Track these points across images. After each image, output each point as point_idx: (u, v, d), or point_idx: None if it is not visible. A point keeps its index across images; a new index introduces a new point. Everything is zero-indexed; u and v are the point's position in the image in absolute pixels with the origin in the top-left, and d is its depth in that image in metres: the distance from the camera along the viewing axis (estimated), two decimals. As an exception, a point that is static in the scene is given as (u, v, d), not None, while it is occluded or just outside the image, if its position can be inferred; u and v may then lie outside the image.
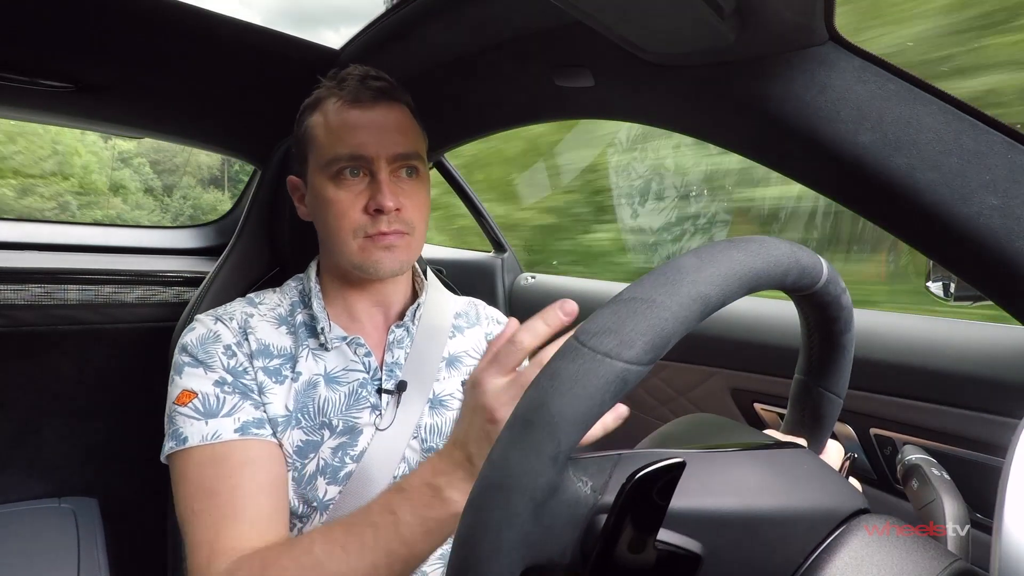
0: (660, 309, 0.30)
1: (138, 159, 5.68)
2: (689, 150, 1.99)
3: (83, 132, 4.95)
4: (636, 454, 0.33)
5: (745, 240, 0.35)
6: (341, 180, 0.71)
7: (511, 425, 0.29)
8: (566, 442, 0.28)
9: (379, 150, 0.70)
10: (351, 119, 0.71)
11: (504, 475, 0.28)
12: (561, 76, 0.85)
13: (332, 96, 0.73)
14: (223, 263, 0.98)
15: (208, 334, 0.70)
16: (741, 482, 0.34)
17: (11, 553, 1.03)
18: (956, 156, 0.55)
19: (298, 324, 0.75)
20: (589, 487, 0.31)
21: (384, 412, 0.73)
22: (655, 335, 0.29)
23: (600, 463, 0.32)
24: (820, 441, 0.51)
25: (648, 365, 0.29)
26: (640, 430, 0.49)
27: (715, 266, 0.32)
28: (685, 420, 0.48)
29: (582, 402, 0.28)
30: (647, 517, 0.29)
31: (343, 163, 0.70)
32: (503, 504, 0.27)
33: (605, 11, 0.60)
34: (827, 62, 0.60)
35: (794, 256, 0.36)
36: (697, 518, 0.32)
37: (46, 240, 1.29)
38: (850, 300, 0.43)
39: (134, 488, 1.26)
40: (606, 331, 0.29)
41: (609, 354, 0.28)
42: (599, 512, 0.30)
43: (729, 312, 1.04)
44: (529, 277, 1.55)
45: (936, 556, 0.35)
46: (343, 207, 0.71)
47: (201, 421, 0.65)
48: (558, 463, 0.28)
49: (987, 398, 0.76)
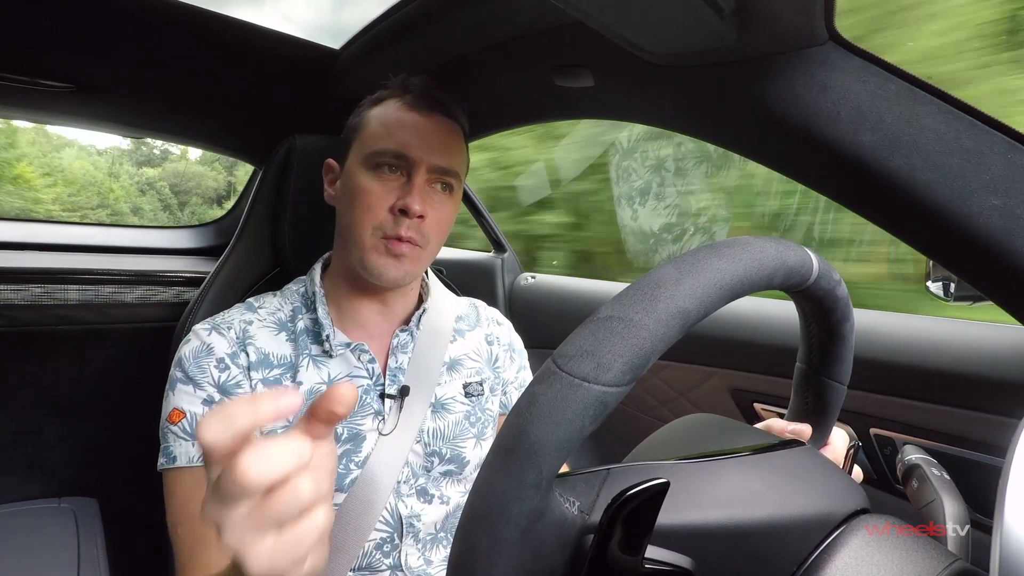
0: (637, 328, 0.29)
1: (161, 183, 7.45)
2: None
3: (114, 171, 6.43)
4: (625, 470, 0.33)
5: (728, 244, 0.34)
6: (379, 173, 0.72)
7: (493, 452, 0.29)
8: (548, 468, 0.28)
9: (423, 156, 0.72)
10: (406, 120, 0.73)
11: (489, 504, 0.28)
12: (561, 76, 0.85)
13: (395, 97, 0.75)
14: (224, 263, 0.98)
15: (201, 347, 0.70)
16: (731, 493, 0.34)
17: (11, 553, 1.03)
18: (956, 156, 0.55)
19: (299, 330, 0.74)
20: (576, 508, 0.31)
21: (387, 417, 0.73)
22: (632, 356, 0.29)
23: (588, 480, 0.32)
24: (824, 428, 0.51)
25: (628, 385, 0.29)
26: (640, 430, 0.49)
27: (694, 277, 0.32)
28: (682, 423, 0.48)
29: (561, 428, 0.28)
30: (633, 538, 0.29)
31: (386, 158, 0.71)
32: (490, 531, 0.28)
33: (605, 11, 0.60)
34: (827, 62, 0.60)
35: (780, 257, 0.36)
36: (686, 534, 0.32)
37: (46, 240, 1.29)
38: (846, 291, 0.43)
39: (134, 488, 1.26)
40: (583, 354, 0.29)
41: (587, 378, 0.28)
42: (587, 532, 0.30)
43: (729, 312, 1.04)
44: (529, 277, 1.55)
45: (936, 556, 0.35)
46: (372, 199, 0.71)
47: (188, 442, 0.66)
48: (541, 489, 0.28)
49: (987, 398, 0.76)
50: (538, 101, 0.99)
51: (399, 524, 0.72)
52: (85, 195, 6.68)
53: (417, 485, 0.74)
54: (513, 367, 0.89)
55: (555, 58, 0.83)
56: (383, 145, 0.72)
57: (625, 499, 0.28)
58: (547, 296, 1.47)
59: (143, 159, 7.35)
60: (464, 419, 0.79)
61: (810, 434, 0.51)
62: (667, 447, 0.44)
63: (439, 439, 0.76)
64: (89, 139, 10.56)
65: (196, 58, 0.96)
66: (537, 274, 1.55)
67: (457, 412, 0.79)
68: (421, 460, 0.75)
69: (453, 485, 0.77)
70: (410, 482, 0.74)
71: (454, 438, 0.77)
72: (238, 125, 1.25)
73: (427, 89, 0.75)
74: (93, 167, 6.91)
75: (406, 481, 0.73)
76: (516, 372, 0.89)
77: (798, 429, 0.50)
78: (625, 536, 0.29)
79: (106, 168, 7.05)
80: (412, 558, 0.73)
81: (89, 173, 6.83)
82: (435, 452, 0.75)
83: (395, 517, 0.72)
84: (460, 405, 0.79)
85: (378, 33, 0.91)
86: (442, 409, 0.78)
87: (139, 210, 6.98)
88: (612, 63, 0.77)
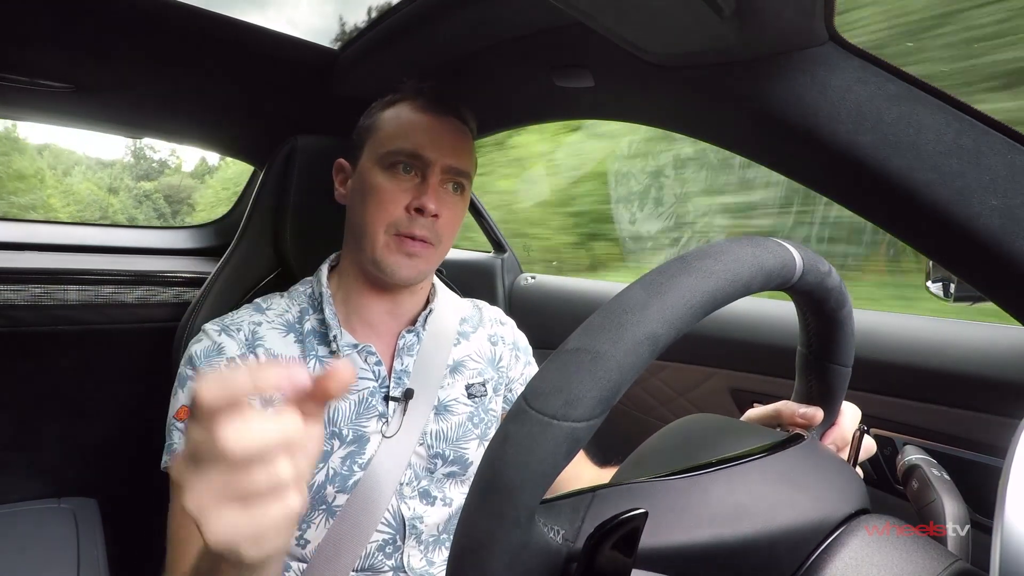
0: (605, 360, 0.29)
1: (156, 194, 8.53)
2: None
3: (113, 187, 7.39)
4: (609, 493, 0.33)
5: (699, 256, 0.34)
6: (394, 172, 0.73)
7: (473, 490, 0.29)
8: (526, 504, 0.28)
9: (438, 156, 0.73)
10: (422, 122, 0.75)
11: (473, 539, 0.29)
12: (561, 76, 0.86)
13: (408, 100, 0.77)
14: (225, 263, 0.98)
15: (213, 347, 0.70)
16: (718, 510, 0.34)
17: (11, 553, 1.03)
18: (956, 156, 0.54)
19: (307, 331, 0.74)
20: (561, 536, 0.31)
21: (391, 420, 0.74)
22: (601, 389, 0.29)
23: (573, 505, 0.32)
24: (831, 411, 0.50)
25: (599, 417, 0.29)
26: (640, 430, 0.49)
27: (661, 299, 0.31)
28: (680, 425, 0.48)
29: (533, 467, 0.28)
30: (616, 566, 0.29)
31: (401, 157, 0.73)
32: (479, 565, 0.28)
33: (605, 11, 0.60)
34: (827, 62, 0.60)
35: (756, 263, 0.35)
36: (672, 555, 0.32)
37: (46, 240, 1.28)
38: (838, 279, 0.42)
39: (134, 488, 1.26)
40: (552, 391, 0.29)
41: (556, 416, 0.28)
42: (573, 560, 0.30)
43: (729, 312, 1.04)
44: (529, 277, 1.55)
45: (936, 556, 0.35)
46: (387, 197, 0.72)
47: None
48: (521, 524, 0.28)
49: (987, 398, 0.76)
50: (538, 101, 0.99)
51: (401, 525, 0.72)
52: (90, 211, 8.16)
53: (420, 487, 0.75)
54: (519, 365, 0.89)
55: (555, 58, 0.83)
56: (399, 145, 0.73)
57: (605, 531, 0.28)
58: (547, 296, 1.47)
59: (142, 173, 8.46)
60: (467, 420, 0.79)
61: (821, 418, 0.50)
62: (663, 454, 0.44)
63: (442, 441, 0.76)
64: (96, 151, 11.49)
65: (196, 58, 0.96)
66: (537, 275, 1.55)
67: (460, 414, 0.79)
68: (424, 462, 0.75)
69: (456, 486, 0.77)
70: (413, 484, 0.74)
71: (457, 440, 0.77)
72: (238, 125, 1.25)
73: (440, 92, 0.78)
74: (96, 186, 8.48)
75: (409, 483, 0.74)
76: (522, 369, 0.90)
77: (808, 413, 0.49)
78: (608, 564, 0.29)
79: (107, 184, 8.50)
80: (414, 559, 0.73)
81: (93, 192, 8.32)
82: (438, 454, 0.75)
83: (397, 519, 0.72)
84: (463, 407, 0.80)
85: (378, 33, 0.91)
86: (445, 411, 0.78)
87: (135, 220, 8.30)
88: (612, 63, 0.77)
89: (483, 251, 1.66)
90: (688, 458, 0.39)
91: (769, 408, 0.53)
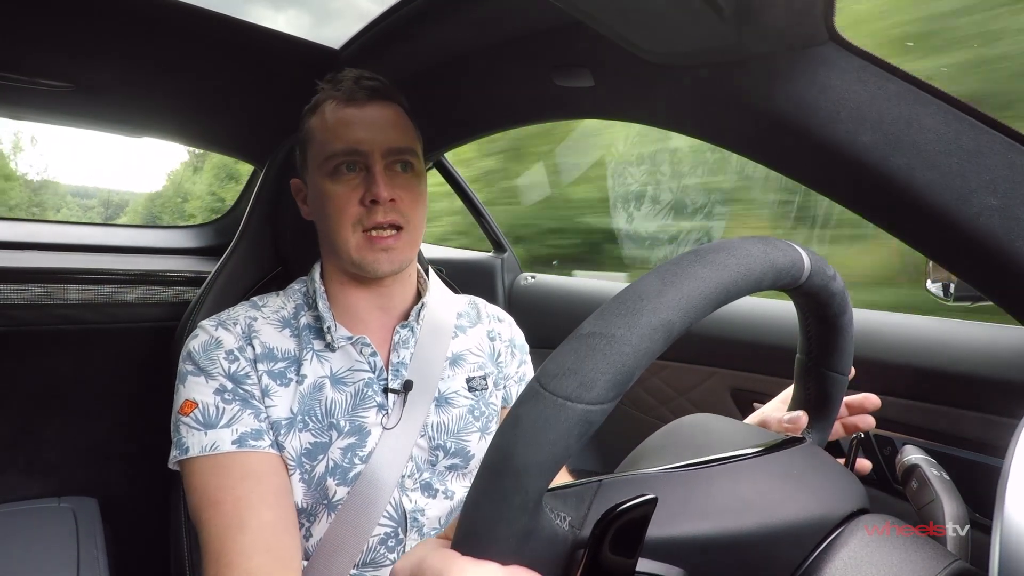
0: (620, 344, 0.29)
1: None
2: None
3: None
4: (616, 481, 0.33)
5: (713, 250, 0.34)
6: (338, 176, 0.73)
7: (481, 474, 0.29)
8: (535, 489, 0.28)
9: (373, 145, 0.73)
10: (346, 117, 0.74)
11: (479, 525, 0.28)
12: (561, 76, 0.86)
13: (329, 98, 0.76)
14: (225, 262, 0.98)
15: (210, 340, 0.71)
16: (723, 503, 0.34)
17: (11, 553, 1.03)
18: (956, 156, 0.55)
19: (302, 327, 0.75)
20: (567, 523, 0.31)
21: (391, 412, 0.74)
22: (615, 372, 0.29)
23: (579, 494, 0.32)
24: (827, 419, 0.50)
25: (612, 402, 0.29)
26: (640, 430, 0.49)
27: (677, 288, 0.31)
28: (680, 424, 0.48)
29: (545, 449, 0.28)
30: (623, 553, 0.29)
31: (340, 159, 0.73)
32: (483, 552, 0.28)
33: (605, 11, 0.60)
34: (827, 62, 0.60)
35: (768, 260, 0.35)
36: (677, 545, 0.32)
37: (46, 240, 1.29)
38: (841, 284, 0.42)
39: (134, 488, 1.26)
40: (566, 372, 0.29)
41: (570, 397, 0.28)
42: (579, 547, 0.30)
43: (729, 312, 1.04)
44: (529, 277, 1.55)
45: (936, 556, 0.35)
46: (341, 201, 0.72)
47: (201, 432, 0.66)
48: (528, 509, 0.28)
49: (987, 398, 0.76)
50: (538, 101, 0.99)
51: (403, 519, 0.72)
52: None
53: (421, 479, 0.75)
54: (514, 362, 0.89)
55: (555, 58, 0.83)
56: (333, 148, 0.73)
57: (613, 516, 0.28)
58: (547, 296, 1.47)
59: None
60: (468, 413, 0.79)
61: (805, 422, 0.50)
62: (664, 451, 0.44)
63: (443, 433, 0.76)
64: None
65: (196, 58, 0.96)
66: (537, 274, 1.56)
67: (461, 406, 0.79)
68: (426, 454, 0.75)
69: (458, 479, 0.78)
70: (414, 476, 0.74)
71: (458, 432, 0.77)
72: (238, 125, 1.25)
73: (356, 80, 0.76)
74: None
75: (410, 475, 0.74)
76: (517, 367, 0.89)
77: (793, 419, 0.51)
78: (614, 551, 0.28)
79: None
80: None
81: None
82: (440, 446, 0.76)
83: (399, 512, 0.72)
84: (464, 399, 0.80)
85: (378, 33, 0.91)
86: (446, 403, 0.78)
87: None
88: (612, 63, 0.77)
89: (483, 251, 1.66)
90: (689, 456, 0.39)
91: (753, 418, 0.54)
